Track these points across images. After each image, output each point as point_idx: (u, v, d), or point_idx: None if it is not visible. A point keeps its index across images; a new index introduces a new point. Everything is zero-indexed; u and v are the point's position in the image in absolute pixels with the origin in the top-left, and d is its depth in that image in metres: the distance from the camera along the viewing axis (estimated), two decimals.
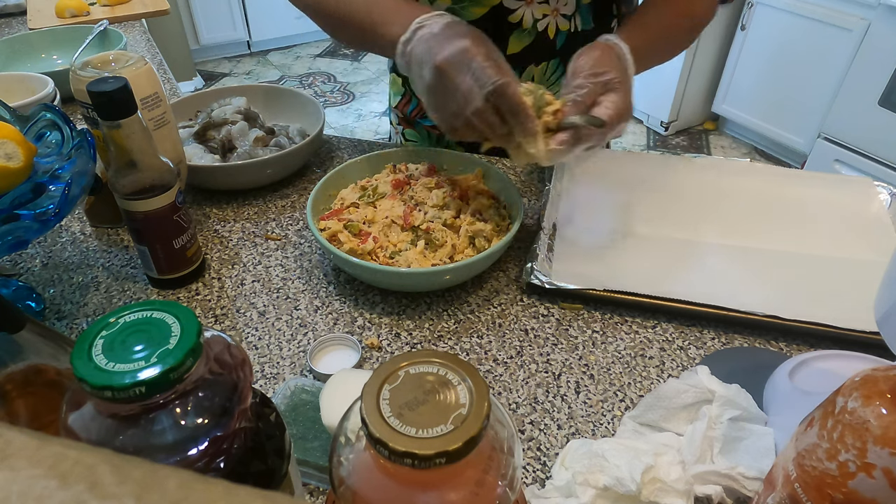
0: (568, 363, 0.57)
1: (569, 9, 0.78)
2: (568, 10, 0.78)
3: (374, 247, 0.63)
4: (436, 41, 0.59)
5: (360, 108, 3.15)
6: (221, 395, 0.28)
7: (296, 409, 0.49)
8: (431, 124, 0.91)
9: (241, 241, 0.72)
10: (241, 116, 0.82)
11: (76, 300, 0.64)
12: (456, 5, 0.76)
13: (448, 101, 0.58)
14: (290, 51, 3.77)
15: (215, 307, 0.63)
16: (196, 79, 3.27)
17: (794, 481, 0.33)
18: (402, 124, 0.96)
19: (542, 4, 0.76)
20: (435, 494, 0.24)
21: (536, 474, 0.47)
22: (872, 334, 0.54)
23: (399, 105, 0.94)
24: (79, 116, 0.95)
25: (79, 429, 0.27)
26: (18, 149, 0.51)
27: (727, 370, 0.51)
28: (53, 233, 0.74)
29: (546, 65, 0.82)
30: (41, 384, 0.36)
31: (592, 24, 0.80)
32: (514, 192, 0.68)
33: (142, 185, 0.57)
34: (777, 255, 0.66)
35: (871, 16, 2.06)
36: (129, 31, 1.35)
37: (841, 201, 0.73)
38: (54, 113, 0.58)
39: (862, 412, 0.29)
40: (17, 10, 1.45)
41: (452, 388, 0.25)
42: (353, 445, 0.25)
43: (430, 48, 0.59)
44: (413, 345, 0.59)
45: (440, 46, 0.58)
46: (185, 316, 0.28)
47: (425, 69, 0.59)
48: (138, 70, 0.62)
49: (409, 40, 0.62)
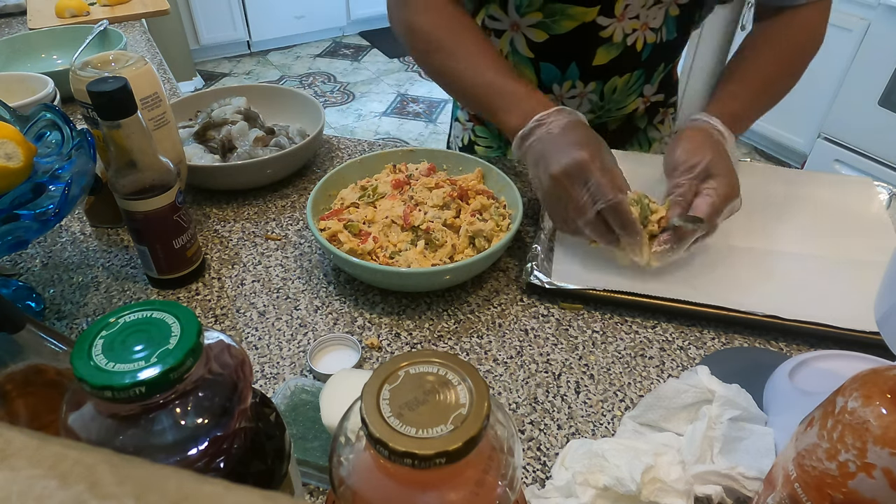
0: (568, 363, 0.57)
1: (657, 22, 0.78)
2: (656, 24, 0.78)
3: (374, 247, 0.63)
4: (554, 146, 0.60)
5: (360, 108, 3.15)
6: (221, 395, 0.28)
7: (296, 409, 0.49)
8: None
9: (241, 241, 0.72)
10: (241, 116, 0.82)
11: (76, 300, 0.64)
12: (547, 19, 0.76)
13: (562, 209, 0.60)
14: (290, 51, 3.77)
15: (215, 307, 0.63)
16: (196, 79, 3.27)
17: (794, 481, 0.33)
18: (472, 121, 0.97)
19: (633, 20, 0.76)
20: (435, 494, 0.24)
21: (536, 474, 0.47)
22: (872, 334, 0.54)
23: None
24: (79, 116, 0.95)
25: (79, 429, 0.27)
26: (18, 149, 0.51)
27: (727, 370, 0.51)
28: (53, 233, 0.74)
29: (630, 75, 0.82)
30: (41, 384, 0.36)
31: (676, 34, 0.81)
32: (514, 192, 0.68)
33: (142, 185, 0.57)
34: (777, 255, 0.66)
35: (871, 16, 2.06)
36: (129, 31, 1.35)
37: (841, 201, 0.73)
38: (54, 113, 0.58)
39: (862, 412, 0.29)
40: (17, 10, 1.45)
41: (452, 388, 0.25)
42: (353, 445, 0.25)
43: (548, 153, 0.60)
44: (413, 345, 0.59)
45: (559, 154, 0.59)
46: (185, 316, 0.28)
47: (542, 174, 0.61)
48: (138, 70, 0.62)
49: (527, 135, 0.63)
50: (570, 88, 0.83)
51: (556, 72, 0.82)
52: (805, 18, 0.73)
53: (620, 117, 0.91)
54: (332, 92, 3.31)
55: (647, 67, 0.83)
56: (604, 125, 0.91)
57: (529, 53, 0.81)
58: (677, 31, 0.80)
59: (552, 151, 0.60)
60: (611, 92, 0.84)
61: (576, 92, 0.84)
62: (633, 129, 0.93)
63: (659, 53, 0.81)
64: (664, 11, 0.77)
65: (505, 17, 0.79)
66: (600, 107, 0.86)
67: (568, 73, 0.81)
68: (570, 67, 0.81)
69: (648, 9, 0.75)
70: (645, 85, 0.86)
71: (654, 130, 0.95)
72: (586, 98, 0.84)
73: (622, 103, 0.87)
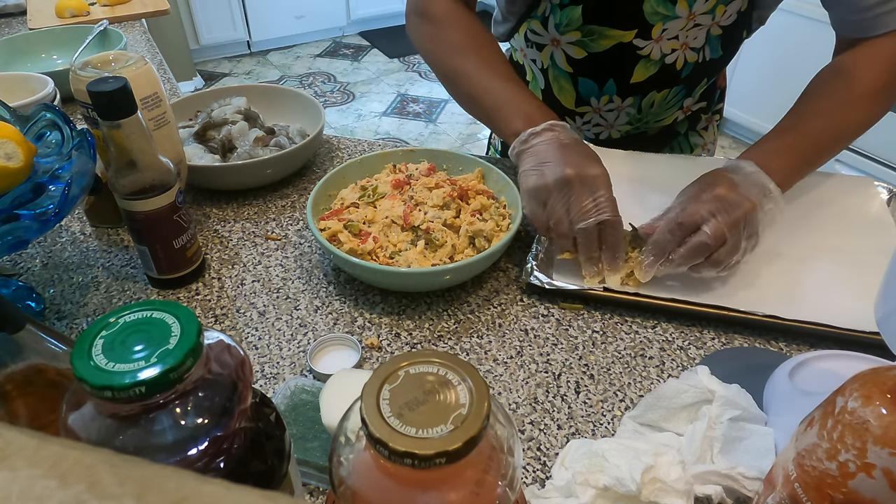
0: (568, 363, 0.57)
1: (698, 42, 0.77)
2: (697, 44, 0.77)
3: (374, 247, 0.63)
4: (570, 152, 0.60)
5: (360, 108, 3.15)
6: (221, 395, 0.28)
7: (296, 409, 0.49)
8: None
9: (241, 241, 0.72)
10: (241, 116, 0.82)
11: (76, 300, 0.64)
12: (586, 38, 0.77)
13: (560, 207, 0.59)
14: (290, 51, 3.77)
15: (215, 307, 0.63)
16: (196, 79, 3.27)
17: (794, 481, 0.33)
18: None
19: (672, 40, 0.76)
20: (435, 494, 0.24)
21: (536, 474, 0.47)
22: (872, 334, 0.54)
23: None
24: (79, 116, 0.95)
25: (79, 429, 0.27)
26: (18, 149, 0.51)
27: (727, 370, 0.51)
28: (53, 233, 0.74)
29: (668, 91, 0.82)
30: (41, 384, 0.36)
31: (721, 51, 0.80)
32: (514, 192, 0.68)
33: (142, 185, 0.57)
34: (777, 254, 0.66)
35: None
36: (129, 31, 1.35)
37: (841, 201, 0.72)
38: (54, 113, 0.58)
39: (862, 412, 0.29)
40: (17, 10, 1.45)
41: (452, 388, 0.24)
42: (353, 445, 0.25)
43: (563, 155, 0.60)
44: (413, 345, 0.59)
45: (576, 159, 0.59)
46: (185, 316, 0.28)
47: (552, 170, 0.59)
48: (138, 70, 0.62)
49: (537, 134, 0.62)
50: (607, 102, 0.84)
51: (594, 87, 0.82)
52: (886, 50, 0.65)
53: (659, 127, 0.91)
54: (332, 92, 3.31)
55: (688, 84, 0.82)
56: (642, 133, 0.91)
57: (568, 68, 0.82)
58: (722, 49, 0.79)
59: (568, 155, 0.60)
60: (648, 106, 0.84)
61: (613, 106, 0.84)
62: (673, 134, 0.93)
63: (701, 71, 0.81)
64: (705, 32, 0.76)
65: (545, 32, 0.79)
66: (638, 119, 0.86)
67: (606, 88, 0.82)
68: (608, 83, 0.81)
69: (688, 31, 0.74)
70: (686, 98, 0.86)
71: (697, 136, 0.94)
72: (624, 112, 0.85)
73: (660, 116, 0.87)
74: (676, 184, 0.75)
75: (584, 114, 0.87)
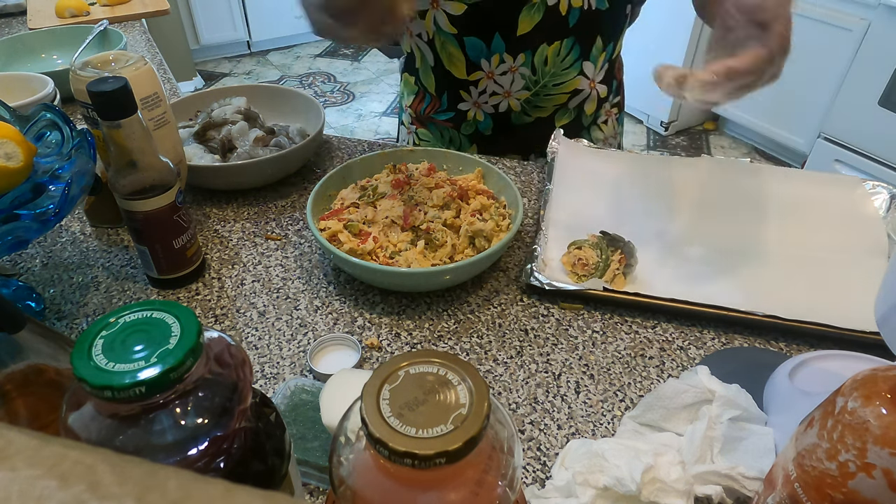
0: (568, 363, 0.57)
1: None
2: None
3: (374, 247, 0.63)
4: None
5: (360, 108, 3.15)
6: (221, 395, 0.28)
7: (296, 409, 0.49)
8: (445, 118, 0.91)
9: (241, 241, 0.72)
10: (241, 116, 0.82)
11: (76, 300, 0.64)
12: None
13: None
14: (290, 51, 3.77)
15: (215, 307, 0.63)
16: (196, 79, 3.27)
17: (794, 481, 0.33)
18: (415, 124, 0.96)
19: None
20: (435, 494, 0.24)
21: (536, 474, 0.47)
22: (872, 334, 0.54)
23: (413, 104, 0.94)
24: (79, 116, 0.95)
25: (79, 429, 0.27)
26: (18, 149, 0.51)
27: (727, 370, 0.51)
28: (53, 233, 0.74)
29: (560, 44, 0.80)
30: (41, 384, 0.36)
31: (607, 4, 0.79)
32: (514, 192, 0.68)
33: (142, 185, 0.57)
34: (777, 254, 0.66)
35: (871, 16, 2.06)
36: (129, 31, 1.35)
37: (841, 201, 0.72)
38: (54, 113, 0.58)
39: (862, 412, 0.29)
40: (17, 10, 1.45)
41: (452, 388, 0.25)
42: (353, 445, 0.25)
43: None
44: (413, 345, 0.59)
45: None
46: (185, 316, 0.28)
47: None
48: (138, 70, 0.62)
49: None
50: (499, 63, 0.82)
51: (482, 44, 0.80)
52: None
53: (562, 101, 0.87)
54: (332, 92, 3.31)
55: (579, 37, 0.81)
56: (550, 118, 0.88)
57: (452, 29, 0.80)
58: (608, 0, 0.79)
59: None
60: (542, 64, 0.82)
61: (506, 67, 0.82)
62: (578, 128, 0.92)
63: (589, 22, 0.79)
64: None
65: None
66: (535, 82, 0.84)
67: (493, 45, 0.80)
68: (494, 39, 0.80)
69: None
70: (584, 62, 0.83)
71: (598, 131, 0.94)
72: (518, 73, 0.83)
73: (559, 78, 0.84)
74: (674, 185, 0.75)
75: (477, 81, 0.85)
